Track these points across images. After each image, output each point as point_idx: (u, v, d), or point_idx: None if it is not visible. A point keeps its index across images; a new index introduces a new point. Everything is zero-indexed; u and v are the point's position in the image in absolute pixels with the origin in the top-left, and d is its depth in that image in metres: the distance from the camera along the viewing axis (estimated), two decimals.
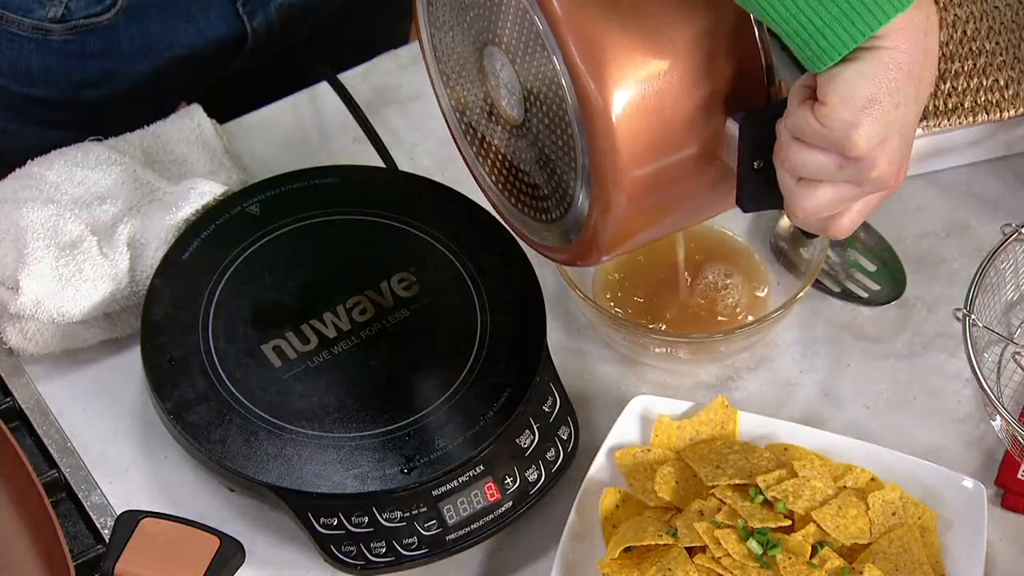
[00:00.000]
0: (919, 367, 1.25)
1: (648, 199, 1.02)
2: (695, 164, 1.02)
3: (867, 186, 0.98)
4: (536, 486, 1.14)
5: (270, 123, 1.37)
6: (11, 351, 1.23)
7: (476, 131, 1.12)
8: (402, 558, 1.11)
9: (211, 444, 1.12)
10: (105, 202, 1.24)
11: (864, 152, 0.95)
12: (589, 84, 0.98)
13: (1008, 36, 1.30)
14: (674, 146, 1.01)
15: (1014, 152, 1.34)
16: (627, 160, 1.00)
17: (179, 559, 1.05)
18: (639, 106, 0.99)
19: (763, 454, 1.15)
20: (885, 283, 1.28)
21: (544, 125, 1.04)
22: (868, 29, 0.92)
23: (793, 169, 0.98)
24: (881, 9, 0.92)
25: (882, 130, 0.95)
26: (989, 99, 1.27)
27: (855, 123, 0.94)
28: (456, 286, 1.20)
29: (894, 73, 0.94)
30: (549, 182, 1.07)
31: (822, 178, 0.98)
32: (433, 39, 1.12)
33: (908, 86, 0.95)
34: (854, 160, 0.96)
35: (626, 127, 0.99)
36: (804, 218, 1.00)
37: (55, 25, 1.32)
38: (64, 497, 1.17)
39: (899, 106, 0.95)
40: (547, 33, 0.98)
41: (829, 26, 0.93)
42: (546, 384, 1.17)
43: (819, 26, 0.93)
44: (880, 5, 0.92)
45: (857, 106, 0.94)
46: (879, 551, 1.10)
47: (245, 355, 1.16)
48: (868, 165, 0.96)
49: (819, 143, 0.96)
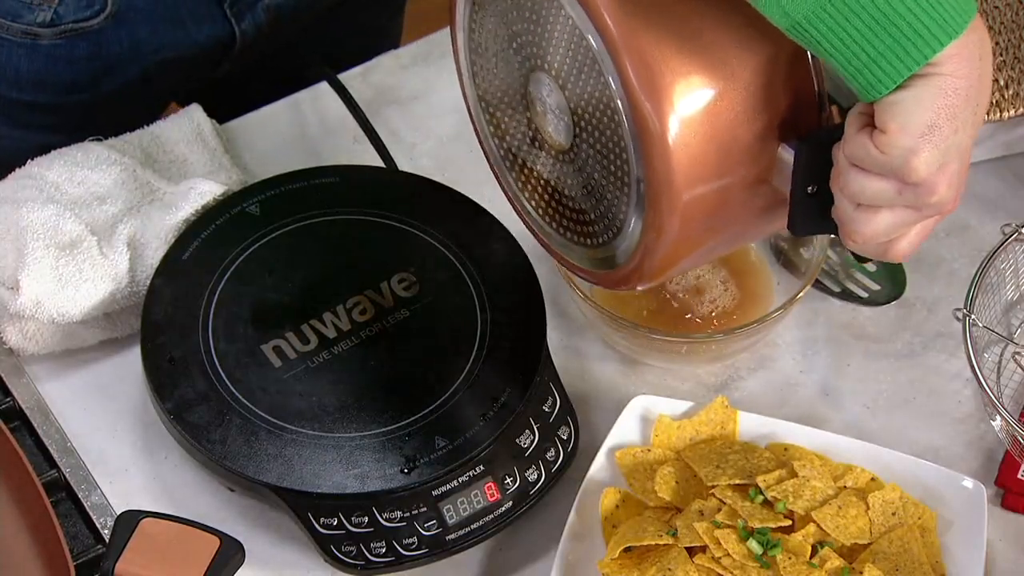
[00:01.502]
0: (919, 367, 1.25)
1: (700, 225, 1.02)
2: (748, 190, 1.01)
3: (926, 210, 0.98)
4: (536, 486, 1.14)
5: (270, 123, 1.37)
6: (11, 351, 1.23)
7: (517, 157, 1.11)
8: (402, 558, 1.11)
9: (211, 444, 1.12)
10: (105, 202, 1.24)
11: (924, 178, 0.95)
12: (646, 107, 0.97)
13: (1008, 36, 1.30)
14: (729, 171, 1.00)
15: (1014, 152, 1.34)
16: (683, 185, 0.99)
17: (179, 559, 1.05)
18: (696, 131, 0.98)
19: (763, 454, 1.15)
20: (885, 283, 1.28)
21: (595, 151, 1.03)
22: (922, 57, 0.92)
23: (852, 196, 0.97)
24: (935, 37, 0.92)
25: (941, 155, 0.95)
26: (989, 99, 1.27)
27: (915, 150, 0.94)
28: (456, 286, 1.20)
29: (952, 99, 0.94)
30: (597, 207, 1.06)
31: (881, 204, 0.97)
32: (473, 65, 1.11)
33: (966, 110, 0.95)
34: (914, 186, 0.95)
35: (683, 152, 0.98)
36: (863, 243, 0.99)
37: (44, 30, 1.31)
38: (64, 497, 1.17)
39: (957, 131, 0.95)
40: (603, 53, 0.97)
41: (883, 55, 0.92)
42: (546, 384, 1.17)
43: (873, 55, 0.93)
44: (933, 33, 0.92)
45: (916, 133, 0.94)
46: (879, 551, 1.10)
47: (245, 355, 1.16)
48: (928, 190, 0.96)
49: (879, 170, 0.96)
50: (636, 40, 0.96)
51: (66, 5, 1.31)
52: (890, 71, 0.93)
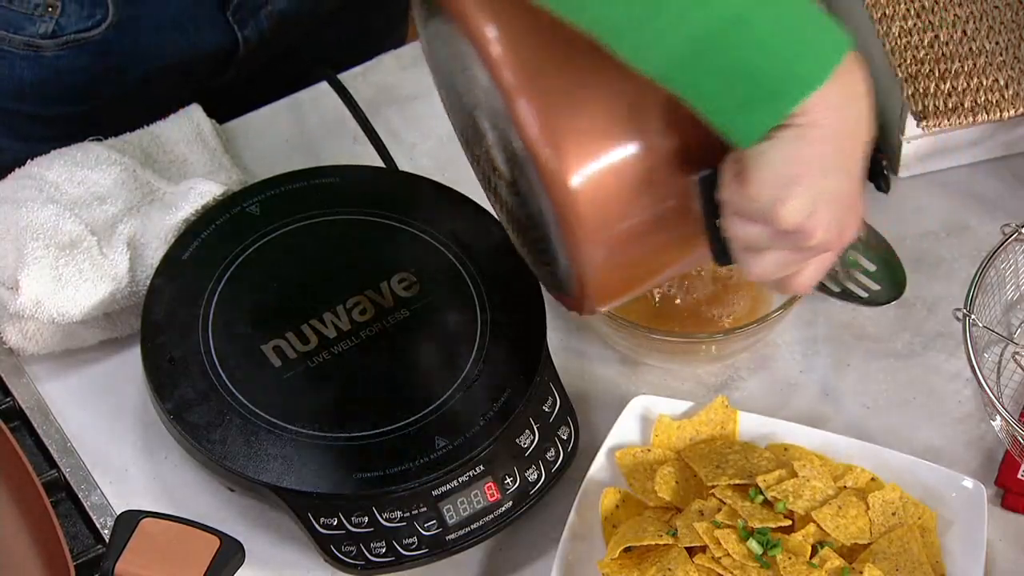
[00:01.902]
0: (919, 367, 1.25)
1: (625, 258, 1.02)
2: (670, 220, 1.01)
3: (809, 253, 0.98)
4: (536, 486, 1.14)
5: (270, 123, 1.37)
6: (11, 351, 1.23)
7: (489, 181, 1.12)
8: (402, 558, 1.11)
9: (211, 444, 1.12)
10: (105, 202, 1.24)
11: (794, 225, 0.95)
12: (544, 154, 0.97)
13: (1008, 36, 1.30)
14: (640, 207, 1.00)
15: (1014, 152, 1.34)
16: (591, 226, 0.99)
17: (179, 559, 1.05)
18: (597, 174, 0.98)
19: (763, 454, 1.15)
20: (885, 283, 1.28)
21: (527, 188, 1.03)
22: (779, 113, 0.92)
23: (734, 239, 0.98)
24: (789, 93, 0.92)
25: (810, 203, 0.95)
26: (989, 99, 1.27)
27: (781, 199, 0.94)
28: (456, 286, 1.20)
29: (817, 147, 0.93)
30: (543, 237, 1.06)
31: (761, 247, 0.98)
32: (443, 97, 1.13)
33: (836, 156, 0.95)
34: (786, 232, 0.96)
35: (585, 195, 0.98)
36: (758, 279, 1.00)
37: (46, 41, 1.31)
38: (64, 497, 1.17)
39: (827, 176, 0.95)
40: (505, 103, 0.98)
41: (742, 110, 0.93)
42: (546, 384, 1.17)
43: (733, 110, 0.93)
44: (787, 89, 0.92)
45: (780, 183, 0.94)
46: (879, 551, 1.10)
47: (245, 355, 1.16)
48: (804, 236, 0.96)
49: (751, 216, 0.96)
50: (531, 87, 0.96)
51: (68, 16, 1.30)
52: (751, 125, 0.93)
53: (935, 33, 1.30)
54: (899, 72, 1.28)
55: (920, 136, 1.30)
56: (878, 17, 1.31)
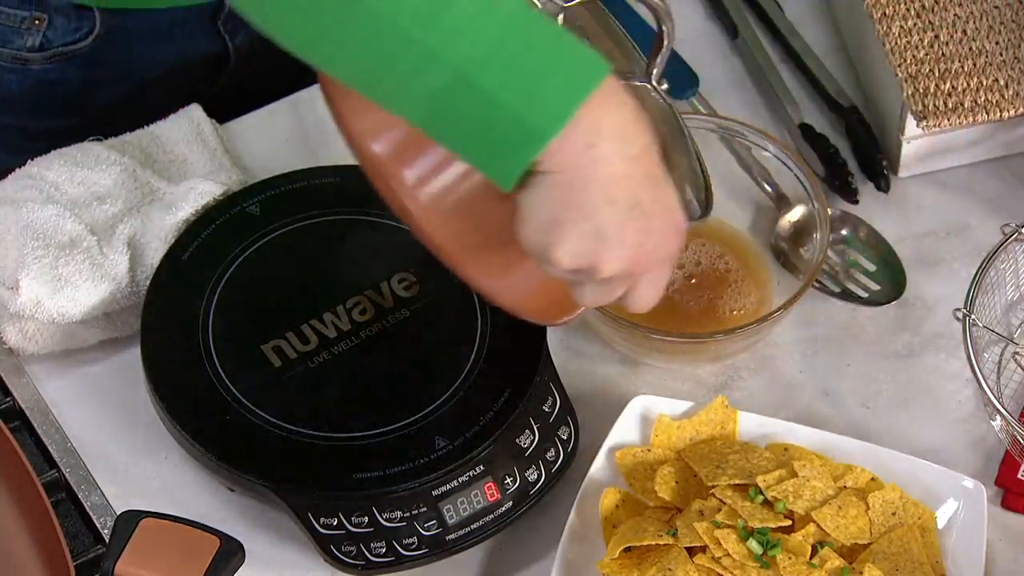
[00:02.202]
0: (919, 367, 1.24)
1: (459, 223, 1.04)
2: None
3: (616, 281, 0.98)
4: (536, 486, 1.14)
5: (270, 123, 1.37)
6: (11, 351, 1.23)
7: None
8: (402, 558, 1.11)
9: (211, 444, 1.12)
10: (105, 202, 1.24)
11: (572, 266, 0.96)
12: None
13: (1008, 36, 1.30)
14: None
15: (1014, 152, 1.34)
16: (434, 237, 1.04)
17: (179, 559, 1.05)
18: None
19: (763, 454, 1.15)
20: (885, 283, 1.28)
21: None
22: (525, 157, 0.93)
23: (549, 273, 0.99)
24: (528, 142, 0.92)
25: (579, 243, 0.95)
26: (989, 99, 1.27)
27: (550, 243, 0.95)
28: (456, 286, 1.19)
29: (566, 192, 0.94)
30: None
31: (567, 281, 0.99)
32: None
33: (590, 196, 0.94)
34: (572, 271, 0.96)
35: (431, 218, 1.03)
36: (590, 306, 1.01)
37: (34, 54, 1.31)
38: (64, 497, 1.17)
39: (589, 217, 0.94)
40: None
41: (494, 155, 0.94)
42: (546, 384, 1.17)
43: (486, 155, 0.94)
44: (517, 145, 0.93)
45: (545, 227, 0.95)
46: (879, 551, 1.10)
47: (245, 355, 1.16)
48: (593, 272, 0.96)
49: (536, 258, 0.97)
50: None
51: (55, 29, 1.30)
52: (505, 171, 0.94)
53: (935, 33, 1.30)
54: (899, 72, 1.28)
55: (920, 136, 1.30)
56: (878, 17, 1.31)
